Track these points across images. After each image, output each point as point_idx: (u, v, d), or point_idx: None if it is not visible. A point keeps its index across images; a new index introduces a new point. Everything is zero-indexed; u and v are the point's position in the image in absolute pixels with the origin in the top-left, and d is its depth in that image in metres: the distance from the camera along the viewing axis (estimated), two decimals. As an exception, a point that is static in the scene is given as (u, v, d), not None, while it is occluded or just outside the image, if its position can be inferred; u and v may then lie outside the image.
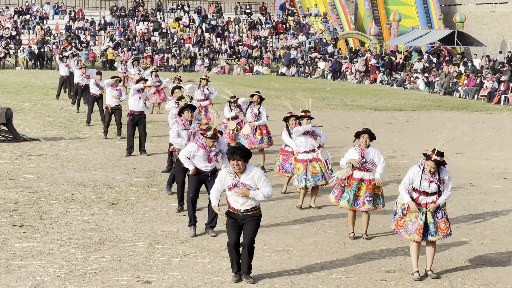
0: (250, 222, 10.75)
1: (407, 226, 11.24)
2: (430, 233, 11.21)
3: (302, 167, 15.61)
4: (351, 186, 13.37)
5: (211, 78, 28.47)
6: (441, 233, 11.24)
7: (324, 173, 15.62)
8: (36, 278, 10.74)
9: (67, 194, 16.24)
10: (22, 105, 33.23)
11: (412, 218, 11.22)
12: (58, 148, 22.12)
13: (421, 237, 11.17)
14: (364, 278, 11.13)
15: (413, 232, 11.17)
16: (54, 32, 63.03)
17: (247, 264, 10.81)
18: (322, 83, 53.18)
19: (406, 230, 11.24)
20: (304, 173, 15.55)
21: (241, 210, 10.74)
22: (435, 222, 11.22)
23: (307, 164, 15.58)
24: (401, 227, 11.32)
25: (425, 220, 11.20)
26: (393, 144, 24.81)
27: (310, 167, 15.57)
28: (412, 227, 11.18)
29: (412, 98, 42.70)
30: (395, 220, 11.44)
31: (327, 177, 15.60)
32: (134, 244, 12.61)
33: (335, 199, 13.51)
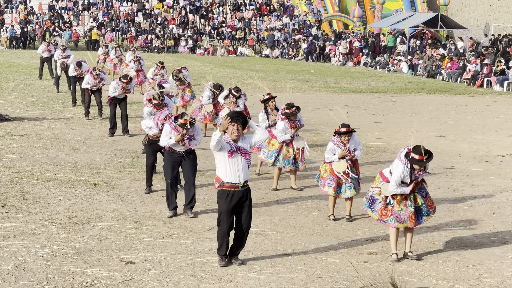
0: (247, 204, 10.69)
1: (399, 215, 11.16)
2: (424, 213, 11.25)
3: (277, 145, 15.62)
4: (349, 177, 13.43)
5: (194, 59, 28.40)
6: (430, 209, 11.32)
7: (297, 159, 15.64)
8: (18, 258, 10.73)
9: (50, 174, 16.21)
10: (4, 84, 33.08)
11: (402, 207, 11.18)
12: (41, 128, 22.06)
13: (414, 222, 11.19)
14: (346, 259, 11.18)
15: (406, 220, 11.14)
16: (37, 11, 62.65)
17: (242, 247, 10.86)
18: (305, 65, 53.14)
19: (398, 219, 11.16)
20: (276, 151, 15.58)
21: (240, 183, 10.57)
22: (424, 203, 11.26)
23: (282, 145, 15.61)
24: (386, 216, 11.29)
25: (416, 204, 11.21)
26: (376, 126, 24.87)
27: (285, 149, 15.60)
28: (404, 215, 11.15)
29: (396, 81, 42.77)
30: (379, 210, 11.35)
31: (300, 163, 15.65)
32: (117, 225, 12.62)
33: (333, 191, 13.47)
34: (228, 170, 10.56)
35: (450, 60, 45.72)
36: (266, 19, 65.30)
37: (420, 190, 11.30)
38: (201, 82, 21.88)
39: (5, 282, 9.79)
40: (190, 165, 13.38)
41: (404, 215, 11.17)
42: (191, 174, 13.38)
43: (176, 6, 66.11)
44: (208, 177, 16.21)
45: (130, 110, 22.96)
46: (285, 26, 64.31)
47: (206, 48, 60.06)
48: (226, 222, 10.66)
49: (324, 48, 58.51)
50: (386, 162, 18.44)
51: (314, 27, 63.48)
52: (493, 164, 19.18)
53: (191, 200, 13.39)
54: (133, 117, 23.66)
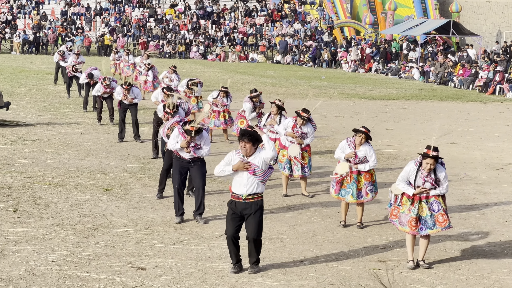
0: (252, 216, 10.69)
1: (400, 217, 11.24)
2: (428, 226, 11.18)
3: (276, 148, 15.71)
4: (352, 180, 13.41)
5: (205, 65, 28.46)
6: (439, 226, 11.21)
7: (291, 166, 15.67)
8: (30, 263, 10.75)
9: (62, 180, 16.24)
10: (17, 90, 33.17)
11: (405, 210, 11.21)
12: (53, 134, 22.11)
13: (412, 230, 11.15)
14: (357, 267, 11.15)
15: (405, 224, 11.18)
16: (50, 17, 62.86)
17: (255, 258, 10.84)
18: (317, 71, 53.13)
19: (400, 222, 11.24)
20: None
21: (243, 195, 10.68)
22: (432, 215, 11.19)
23: (280, 149, 15.74)
24: (395, 217, 11.33)
25: (420, 213, 11.18)
26: (387, 133, 24.83)
27: (280, 154, 15.74)
28: (405, 219, 11.18)
29: (407, 88, 42.70)
30: (391, 210, 11.47)
31: (293, 170, 15.66)
32: (128, 230, 12.62)
33: (334, 193, 13.50)
34: (235, 182, 10.80)
35: (462, 67, 45.62)
36: (277, 25, 65.31)
37: (431, 203, 11.23)
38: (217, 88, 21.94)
39: (16, 287, 9.81)
40: (198, 171, 13.36)
41: (404, 219, 11.18)
42: (199, 181, 13.35)
43: (187, 12, 66.20)
44: (219, 183, 16.20)
45: (141, 115, 22.99)
46: (297, 32, 64.32)
47: (218, 54, 60.12)
48: (228, 230, 10.74)
49: (336, 54, 58.48)
50: (397, 169, 18.42)
51: (326, 34, 63.47)
52: (505, 171, 19.11)
53: (199, 206, 13.38)
54: (144, 123, 23.69)
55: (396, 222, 11.31)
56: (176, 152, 13.38)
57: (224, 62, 58.08)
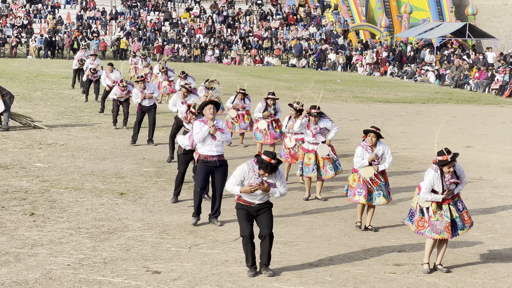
0: (265, 212, 10.76)
1: (435, 225, 11.05)
2: (459, 227, 11.12)
3: (301, 155, 15.74)
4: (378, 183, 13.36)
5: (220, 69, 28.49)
6: (466, 224, 11.19)
7: (320, 167, 15.61)
8: (46, 266, 10.78)
9: (77, 183, 16.28)
10: (33, 94, 33.31)
11: (438, 217, 11.07)
12: (69, 137, 22.18)
13: (451, 234, 11.07)
14: (373, 270, 11.12)
15: (443, 231, 11.02)
16: (66, 21, 63.09)
17: (267, 255, 10.81)
18: (332, 74, 53.09)
19: (435, 230, 11.03)
20: (301, 162, 15.68)
21: (255, 203, 10.75)
22: (460, 216, 11.15)
23: (305, 153, 15.67)
24: (422, 227, 11.19)
25: (451, 217, 11.11)
26: (403, 136, 24.77)
27: (306, 157, 15.65)
28: (441, 226, 11.03)
29: (423, 91, 42.60)
30: (416, 221, 11.27)
31: (324, 171, 15.62)
32: (143, 234, 12.64)
33: (364, 198, 13.38)
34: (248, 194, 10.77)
35: (478, 70, 45.46)
36: (293, 29, 65.32)
37: (456, 203, 11.18)
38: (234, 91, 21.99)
39: (32, 291, 9.84)
40: (221, 176, 13.39)
41: (440, 226, 11.05)
42: (220, 185, 13.39)
43: (203, 16, 66.31)
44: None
45: (158, 119, 23.00)
46: (312, 35, 64.30)
47: (233, 57, 60.17)
48: (244, 229, 10.73)
49: (351, 58, 58.41)
50: (413, 173, 18.38)
51: (341, 37, 63.43)
52: (521, 175, 19.03)
53: (217, 210, 13.42)
54: (160, 127, 23.74)
55: (427, 233, 11.15)
56: (203, 156, 13.37)
57: (239, 66, 58.13)
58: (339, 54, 58.89)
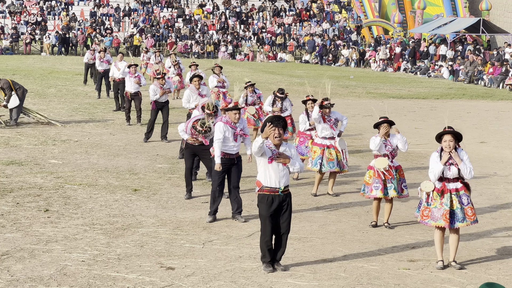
0: (286, 210, 10.72)
1: (433, 213, 11.12)
2: (458, 219, 11.09)
3: (319, 151, 15.67)
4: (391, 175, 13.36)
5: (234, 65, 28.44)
6: (468, 219, 11.12)
7: (339, 161, 15.60)
8: (60, 262, 10.81)
9: (91, 180, 16.33)
10: (47, 90, 33.40)
11: (437, 204, 11.11)
12: (82, 134, 22.24)
13: (447, 223, 11.03)
14: (387, 266, 11.11)
15: (439, 218, 11.04)
16: (79, 18, 63.23)
17: (283, 252, 10.86)
18: (345, 70, 53.02)
19: (432, 217, 11.11)
20: (320, 157, 15.60)
21: (280, 188, 10.62)
22: (461, 208, 11.10)
23: (324, 149, 15.60)
24: (427, 217, 11.21)
25: (451, 207, 11.10)
26: (416, 132, 24.72)
27: (327, 153, 15.59)
28: (438, 213, 11.06)
29: (436, 87, 42.48)
30: (420, 211, 11.33)
31: (342, 165, 15.61)
32: (157, 230, 12.66)
33: (381, 192, 13.37)
34: (268, 175, 10.61)
35: (492, 65, 45.29)
36: (306, 25, 65.25)
37: (461, 197, 11.16)
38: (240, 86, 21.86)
39: (47, 287, 9.87)
40: (237, 171, 13.49)
41: (437, 213, 11.06)
42: (236, 181, 13.44)
43: (216, 12, 66.31)
44: (248, 183, 16.19)
45: (171, 116, 23.02)
46: (325, 31, 64.21)
47: (246, 53, 60.15)
48: (267, 226, 10.65)
49: (364, 53, 58.31)
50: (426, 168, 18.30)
51: (354, 33, 63.32)
52: (536, 170, 18.95)
53: (239, 206, 13.45)
54: (173, 123, 23.75)
55: (429, 222, 11.18)
56: (222, 154, 13.39)
57: (252, 62, 58.12)
58: (352, 50, 58.78)
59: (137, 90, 23.68)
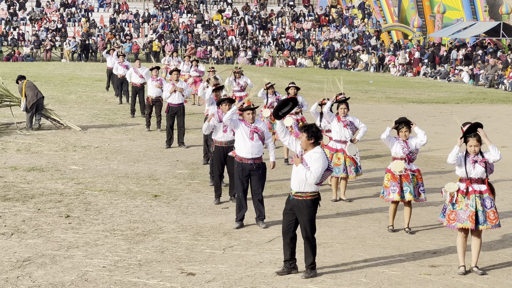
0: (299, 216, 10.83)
1: (459, 215, 11.04)
2: (479, 221, 11.03)
3: (328, 154, 15.60)
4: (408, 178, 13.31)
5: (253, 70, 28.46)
6: (489, 223, 11.05)
7: (347, 166, 15.54)
8: (81, 268, 10.85)
9: (112, 186, 16.37)
10: (67, 97, 33.54)
11: (463, 206, 11.03)
12: (102, 140, 22.31)
13: (474, 224, 10.96)
14: (408, 272, 11.07)
15: (466, 220, 10.95)
16: (99, 24, 63.50)
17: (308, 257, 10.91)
18: (365, 75, 52.94)
19: (459, 219, 11.02)
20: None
21: (292, 191, 10.78)
22: (483, 211, 11.04)
23: (333, 153, 15.57)
24: (453, 220, 11.13)
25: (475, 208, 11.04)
26: (437, 137, 24.63)
27: (335, 157, 15.56)
28: (464, 215, 10.98)
29: (456, 91, 42.33)
30: (447, 215, 11.23)
31: (348, 171, 15.54)
32: (178, 236, 12.68)
33: (398, 195, 13.31)
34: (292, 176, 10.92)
35: (513, 69, 45.11)
36: (325, 30, 65.21)
37: (484, 199, 11.10)
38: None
39: (68, 292, 9.91)
40: (258, 179, 13.40)
41: (463, 215, 10.99)
42: (258, 188, 13.38)
43: (235, 17, 66.40)
44: (267, 188, 16.18)
45: (189, 121, 23.04)
46: (344, 36, 64.15)
47: (265, 59, 60.18)
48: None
49: (383, 58, 58.21)
50: (447, 173, 18.27)
51: (373, 38, 63.23)
52: (557, 175, 18.83)
53: (261, 213, 13.42)
54: (192, 128, 23.79)
55: (455, 225, 11.10)
56: (238, 158, 13.40)
57: (271, 67, 58.13)
58: (372, 55, 58.70)
59: (159, 95, 23.72)
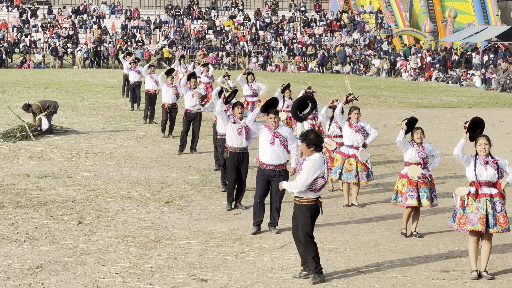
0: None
1: (470, 217, 11.00)
2: (489, 224, 10.99)
3: (340, 160, 15.63)
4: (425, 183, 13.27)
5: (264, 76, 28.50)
6: (499, 227, 11.00)
7: (358, 172, 15.50)
8: (94, 275, 10.87)
9: (124, 192, 16.40)
10: (79, 103, 33.63)
11: (473, 209, 10.99)
12: (114, 146, 22.35)
13: (484, 227, 10.92)
14: (421, 277, 11.04)
15: (476, 222, 10.92)
16: (111, 31, 63.67)
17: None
18: (377, 80, 52.89)
19: (469, 222, 10.98)
20: (340, 167, 15.59)
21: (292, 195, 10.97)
22: (493, 214, 11.01)
23: (345, 158, 15.54)
24: (464, 224, 11.10)
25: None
26: (449, 141, 24.57)
27: (347, 163, 15.52)
28: (475, 217, 10.95)
29: (468, 95, 42.24)
30: (457, 219, 11.20)
31: (360, 177, 15.51)
32: (190, 242, 12.68)
33: (416, 201, 13.25)
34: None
35: (525, 73, 44.97)
36: (336, 35, 65.19)
37: (495, 203, 11.06)
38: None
39: (80, 299, 9.93)
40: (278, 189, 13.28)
41: (474, 217, 10.96)
42: (276, 195, 13.35)
43: (246, 23, 66.47)
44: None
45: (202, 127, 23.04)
46: (356, 41, 64.12)
47: (277, 64, 60.20)
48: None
49: (395, 63, 58.14)
50: (459, 178, 18.22)
51: (385, 42, 63.17)
52: None
53: (275, 220, 13.40)
54: (205, 135, 23.80)
55: (466, 228, 11.06)
56: (260, 163, 13.37)
57: (283, 73, 58.14)
58: (383, 60, 58.64)
59: (174, 102, 23.75)
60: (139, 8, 67.86)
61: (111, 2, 68.16)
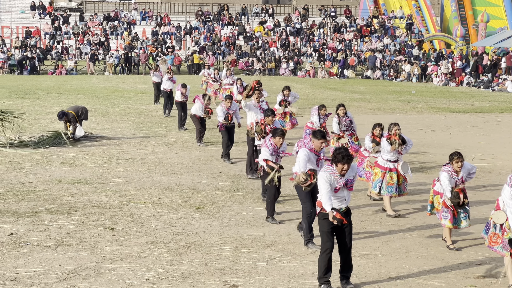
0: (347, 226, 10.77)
1: (505, 243, 10.77)
2: None
3: (380, 173, 15.44)
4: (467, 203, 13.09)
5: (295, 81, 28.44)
6: None
7: (400, 185, 15.40)
8: (125, 281, 10.91)
9: (155, 198, 16.45)
10: (110, 109, 33.82)
11: (511, 234, 10.72)
12: (145, 152, 22.44)
13: None
14: (453, 284, 10.97)
15: None
16: (141, 37, 64.00)
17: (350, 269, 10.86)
18: (407, 86, 52.67)
19: (506, 247, 10.67)
20: (380, 180, 15.39)
21: (342, 208, 10.69)
22: None
23: (385, 172, 15.39)
24: (495, 243, 10.96)
25: None
26: (481, 147, 24.41)
27: (388, 177, 15.36)
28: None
29: (500, 100, 41.93)
30: (489, 236, 11.07)
31: (402, 188, 15.42)
32: (221, 248, 12.69)
33: (450, 222, 13.07)
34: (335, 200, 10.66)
35: (557, 78, 44.60)
36: (367, 40, 65.06)
37: None
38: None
39: (112, 304, 9.97)
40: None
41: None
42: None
43: (276, 29, 66.51)
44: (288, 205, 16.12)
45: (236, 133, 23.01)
46: (386, 47, 63.92)
47: (307, 70, 60.16)
48: (327, 241, 10.64)
49: (426, 68, 57.89)
50: (492, 185, 18.09)
51: (416, 48, 62.93)
52: None
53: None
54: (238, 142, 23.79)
55: (498, 249, 10.91)
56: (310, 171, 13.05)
57: (313, 79, 58.10)
58: (414, 65, 58.40)
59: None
60: (169, 14, 68.19)
61: (142, 8, 68.57)
